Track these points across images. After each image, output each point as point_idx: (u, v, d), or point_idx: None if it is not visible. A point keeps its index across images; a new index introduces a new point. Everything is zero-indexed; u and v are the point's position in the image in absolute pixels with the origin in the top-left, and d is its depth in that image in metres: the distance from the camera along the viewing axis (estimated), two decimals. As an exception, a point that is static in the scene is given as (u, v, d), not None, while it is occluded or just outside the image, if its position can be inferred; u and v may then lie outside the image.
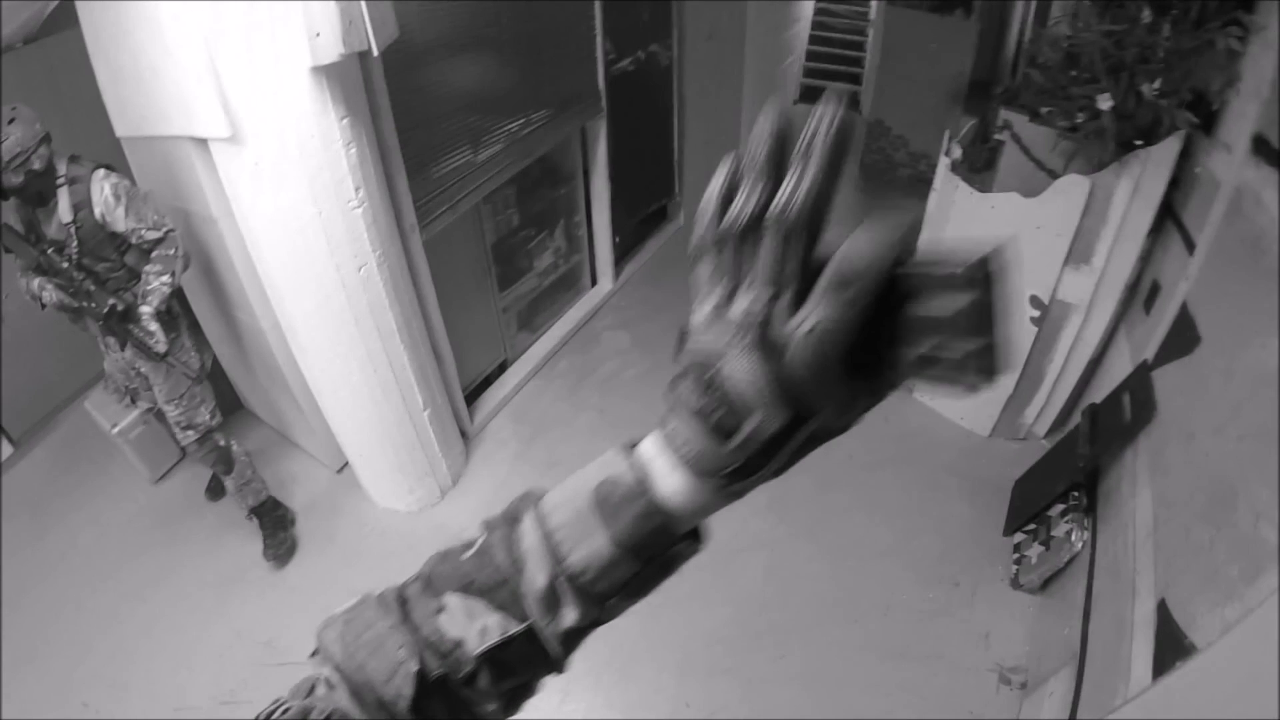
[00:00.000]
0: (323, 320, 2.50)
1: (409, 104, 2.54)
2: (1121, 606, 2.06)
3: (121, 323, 2.36)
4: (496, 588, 0.51)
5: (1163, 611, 1.77)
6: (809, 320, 0.41)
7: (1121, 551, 2.24)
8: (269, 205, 2.20)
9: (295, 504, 3.22)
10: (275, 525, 3.04)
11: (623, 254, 5.08)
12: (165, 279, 2.33)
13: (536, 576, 0.50)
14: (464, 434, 3.54)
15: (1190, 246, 2.60)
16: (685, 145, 5.49)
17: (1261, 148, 2.13)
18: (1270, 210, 1.95)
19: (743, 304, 0.44)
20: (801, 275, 0.42)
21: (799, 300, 0.42)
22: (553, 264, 4.24)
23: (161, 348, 2.43)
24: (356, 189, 2.21)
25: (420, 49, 2.54)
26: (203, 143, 2.21)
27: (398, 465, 3.08)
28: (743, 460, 0.46)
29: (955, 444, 3.76)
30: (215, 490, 3.27)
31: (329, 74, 1.99)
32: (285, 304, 2.51)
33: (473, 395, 3.80)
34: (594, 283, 4.82)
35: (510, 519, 0.54)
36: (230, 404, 3.57)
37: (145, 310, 2.34)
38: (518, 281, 3.95)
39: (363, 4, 1.86)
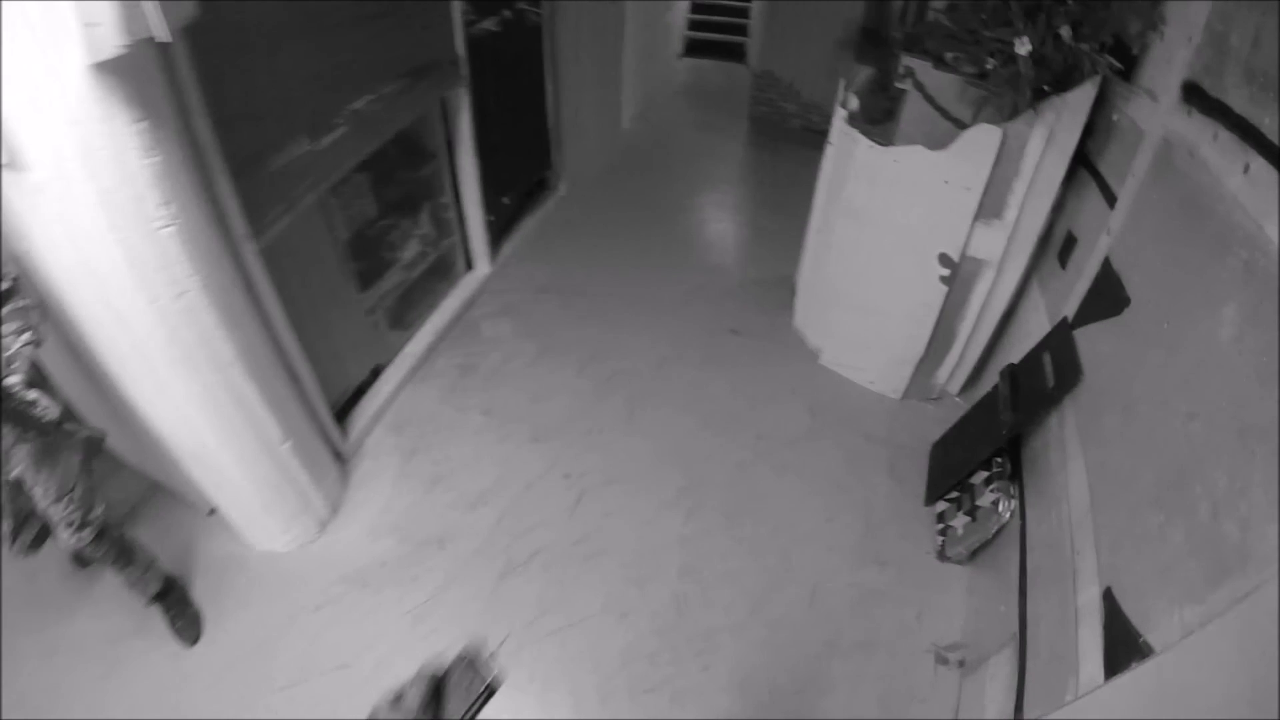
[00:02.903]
0: (145, 361, 2.23)
1: (227, 93, 2.25)
2: (1062, 589, 2.07)
3: None
4: None
5: (1110, 602, 1.78)
6: None
7: (1056, 526, 2.26)
8: (60, 236, 1.91)
9: (167, 555, 2.94)
10: (180, 602, 2.75)
11: (499, 233, 4.88)
12: (26, 336, 1.98)
13: None
14: (339, 455, 3.31)
15: (1110, 199, 2.62)
16: (561, 110, 5.29)
17: (1194, 96, 2.10)
18: (1208, 165, 1.92)
19: None
20: None
21: None
22: (420, 253, 4.00)
23: (54, 412, 2.05)
24: (163, 205, 1.95)
25: (235, 25, 2.25)
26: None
27: (264, 506, 2.84)
28: None
29: (868, 410, 3.80)
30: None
31: (114, 71, 1.72)
32: (101, 346, 2.23)
33: (346, 408, 3.56)
34: (470, 267, 4.61)
35: None
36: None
37: (12, 381, 1.98)
38: (382, 277, 3.70)
39: (144, -18, 1.62)
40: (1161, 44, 2.40)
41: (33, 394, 1.98)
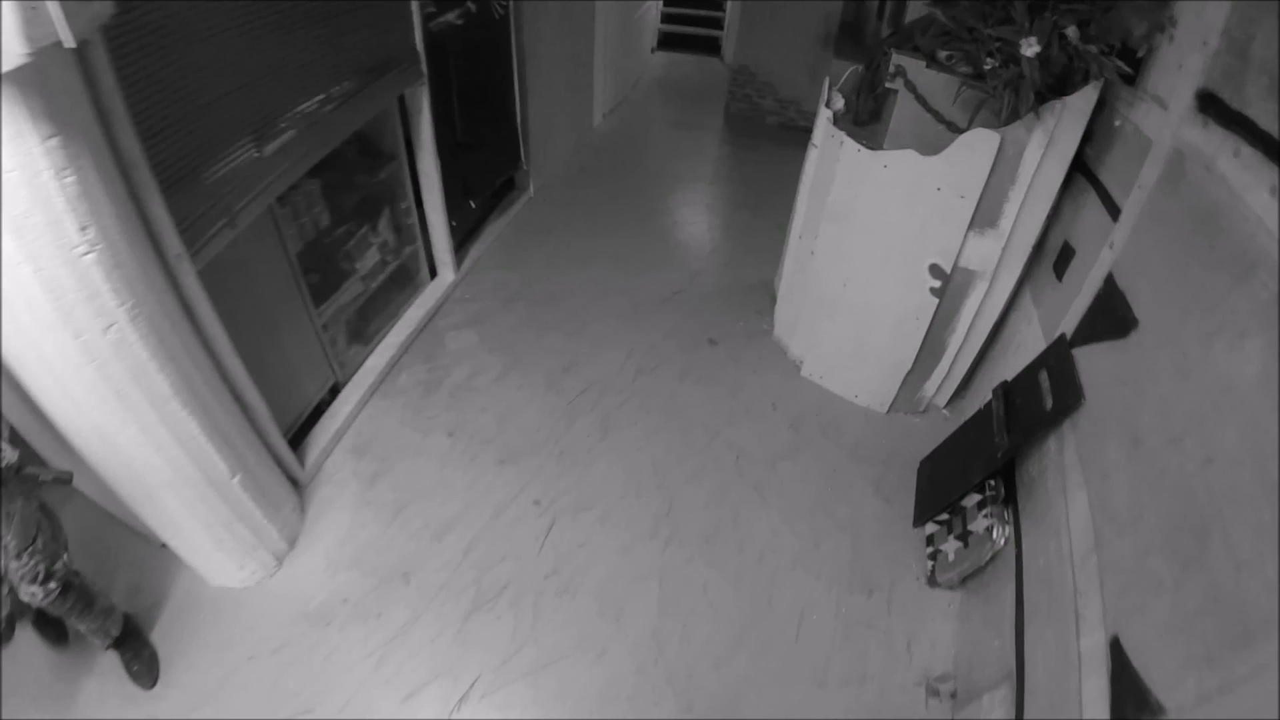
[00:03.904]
0: (74, 403, 2.06)
1: (156, 100, 2.06)
2: (1063, 629, 1.97)
3: None
4: None
5: (1117, 652, 1.67)
6: None
7: (1056, 561, 2.15)
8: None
9: (121, 591, 2.76)
10: (137, 644, 2.58)
11: (465, 237, 4.72)
12: None
13: None
14: (295, 481, 3.14)
15: (1111, 208, 2.50)
16: (529, 107, 5.13)
17: (1211, 106, 1.97)
18: (1228, 181, 1.79)
19: None
20: None
21: None
22: (380, 262, 3.81)
23: (12, 455, 1.89)
24: (83, 229, 1.76)
25: (163, 23, 2.05)
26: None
27: (215, 544, 2.67)
28: None
29: (853, 424, 3.69)
30: (56, 631, 2.64)
31: (18, 83, 1.54)
32: (29, 384, 2.05)
33: (303, 430, 3.39)
34: (433, 275, 4.44)
35: None
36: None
37: None
38: (338, 290, 3.51)
39: (45, -19, 1.44)
40: (1171, 47, 2.28)
41: None
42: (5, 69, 1.48)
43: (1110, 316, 2.26)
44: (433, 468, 3.36)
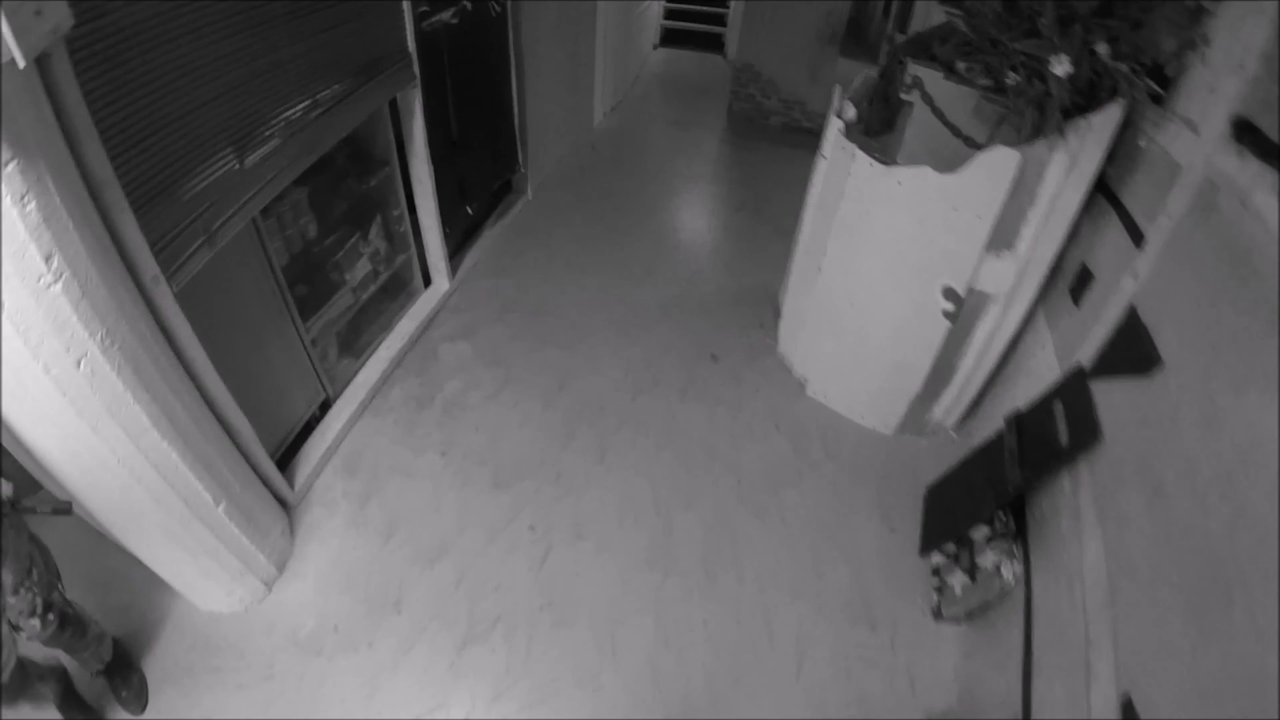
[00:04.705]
0: (48, 438, 1.96)
1: (126, 112, 1.94)
2: (1073, 681, 1.89)
3: None
4: None
5: (1129, 712, 1.59)
6: None
7: (1068, 607, 2.06)
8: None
9: (109, 612, 2.67)
10: (126, 670, 2.53)
11: (460, 244, 4.62)
12: None
13: None
14: (284, 502, 3.04)
15: (1133, 232, 2.39)
16: (527, 108, 5.01)
17: (1247, 135, 1.86)
18: (1265, 219, 1.67)
19: None
20: None
21: None
22: (371, 272, 3.70)
23: (7, 489, 1.82)
24: (48, 258, 1.66)
25: (132, 28, 1.92)
26: None
27: (203, 571, 2.58)
28: None
29: (858, 446, 3.59)
30: (69, 700, 2.48)
31: (-32, 105, 1.44)
32: (4, 416, 1.95)
33: (293, 447, 3.29)
34: (427, 284, 4.33)
35: None
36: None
37: None
38: (327, 302, 3.40)
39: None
40: (1204, 68, 2.17)
41: None
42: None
43: (1131, 352, 2.15)
44: (425, 489, 3.26)
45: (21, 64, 1.39)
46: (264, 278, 2.85)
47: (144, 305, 2.08)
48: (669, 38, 9.58)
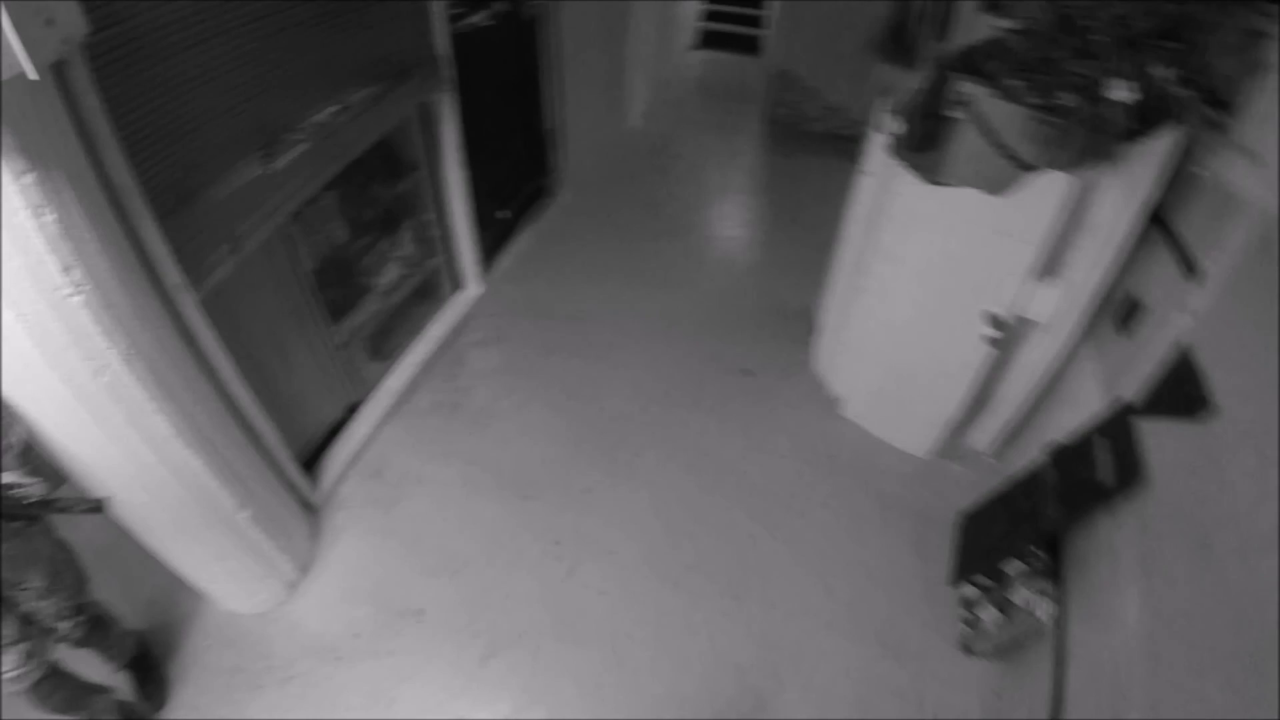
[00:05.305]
0: (69, 441, 1.94)
1: (148, 118, 1.92)
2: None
3: None
4: None
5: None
6: None
7: (1107, 660, 1.95)
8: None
9: (132, 607, 2.70)
10: (148, 666, 2.54)
11: (493, 248, 4.57)
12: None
13: None
14: (309, 505, 3.03)
15: (1187, 263, 2.28)
16: (562, 111, 4.97)
17: None
18: None
19: None
20: None
21: None
22: (401, 276, 3.67)
23: (42, 489, 1.80)
24: (67, 270, 1.63)
25: (152, 32, 1.89)
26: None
27: (227, 574, 2.58)
28: None
29: (893, 469, 3.49)
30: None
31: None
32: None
33: (318, 452, 3.27)
34: (458, 288, 4.29)
35: None
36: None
37: None
38: (356, 307, 3.38)
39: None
40: (1265, 96, 2.05)
41: (12, 474, 1.74)
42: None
43: (1182, 394, 2.03)
44: (451, 497, 3.23)
45: (33, 76, 1.36)
46: (292, 282, 2.83)
47: (167, 314, 2.06)
48: (706, 40, 9.49)
